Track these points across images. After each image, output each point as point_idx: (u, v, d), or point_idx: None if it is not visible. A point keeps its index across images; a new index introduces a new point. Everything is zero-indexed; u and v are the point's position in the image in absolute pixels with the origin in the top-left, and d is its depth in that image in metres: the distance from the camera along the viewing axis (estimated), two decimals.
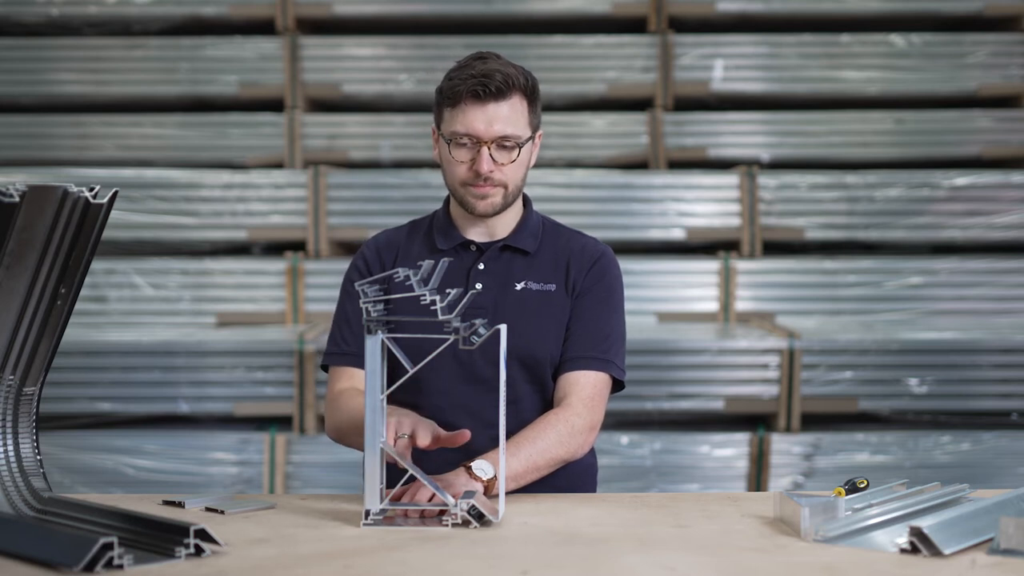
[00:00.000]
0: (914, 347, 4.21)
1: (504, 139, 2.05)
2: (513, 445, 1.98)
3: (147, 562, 1.47)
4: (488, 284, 2.12)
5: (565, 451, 2.04)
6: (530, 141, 2.10)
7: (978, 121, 4.94)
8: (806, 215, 4.72)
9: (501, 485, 1.76)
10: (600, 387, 2.12)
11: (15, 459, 1.73)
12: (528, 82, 2.08)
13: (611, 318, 2.15)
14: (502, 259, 2.15)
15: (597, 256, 2.18)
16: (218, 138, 4.96)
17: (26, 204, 1.56)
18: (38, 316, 1.68)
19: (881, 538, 1.63)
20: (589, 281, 2.15)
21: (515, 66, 2.09)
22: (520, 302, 2.11)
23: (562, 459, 2.04)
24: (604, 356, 2.12)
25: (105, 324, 4.56)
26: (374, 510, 1.75)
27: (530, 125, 2.09)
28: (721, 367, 4.20)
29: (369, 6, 5.05)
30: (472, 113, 2.04)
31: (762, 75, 5.02)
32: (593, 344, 2.11)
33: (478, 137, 2.04)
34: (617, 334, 2.15)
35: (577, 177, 4.75)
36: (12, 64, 5.04)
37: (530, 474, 1.99)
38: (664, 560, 1.52)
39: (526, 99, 2.08)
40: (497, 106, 2.04)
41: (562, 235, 2.23)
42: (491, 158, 2.05)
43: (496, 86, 2.02)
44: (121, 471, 4.18)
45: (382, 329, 1.76)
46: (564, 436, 2.03)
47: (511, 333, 1.95)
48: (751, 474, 4.19)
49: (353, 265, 2.20)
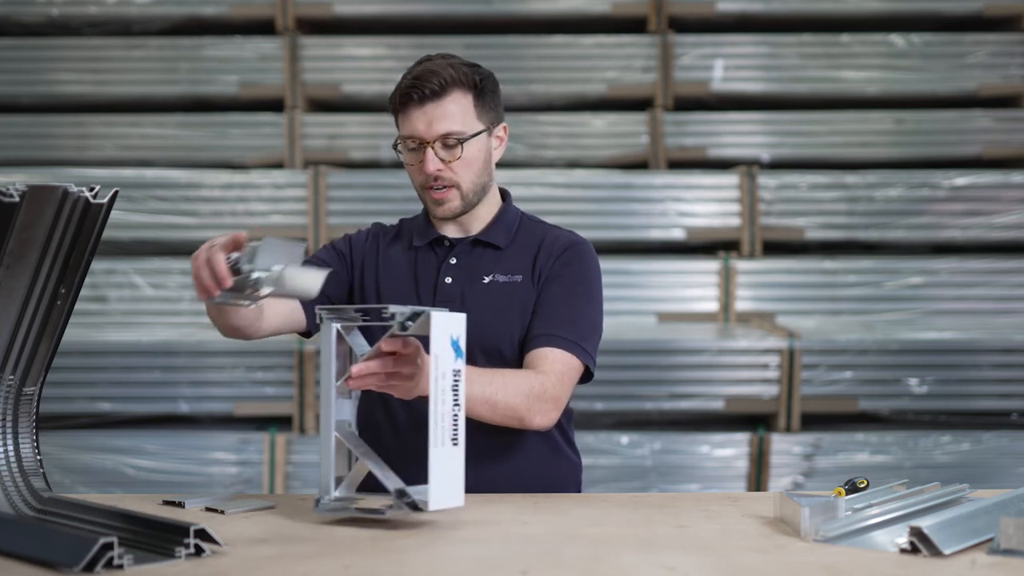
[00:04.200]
0: (914, 347, 4.21)
1: (446, 137, 2.05)
2: (487, 373, 1.94)
3: (147, 562, 1.47)
4: (457, 277, 2.13)
5: (525, 409, 1.96)
6: (482, 135, 2.09)
7: (978, 121, 4.94)
8: (806, 215, 4.72)
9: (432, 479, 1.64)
10: (569, 365, 2.03)
11: (15, 459, 1.73)
12: (473, 77, 2.07)
13: (582, 305, 2.10)
14: (473, 253, 2.15)
15: (568, 245, 2.14)
16: (218, 138, 4.97)
17: (26, 204, 1.56)
18: (38, 316, 1.68)
19: (881, 538, 1.63)
20: (557, 267, 2.12)
21: (462, 63, 2.08)
22: (486, 294, 2.11)
23: (519, 415, 1.96)
24: (571, 338, 2.04)
25: (105, 324, 4.56)
26: (328, 497, 1.75)
27: (479, 120, 2.08)
28: (721, 367, 4.20)
29: (369, 6, 5.05)
30: (413, 115, 2.06)
31: (762, 75, 5.02)
32: (560, 324, 2.05)
33: (421, 138, 2.06)
34: (588, 322, 2.09)
35: (577, 177, 4.75)
36: (12, 64, 5.05)
37: (481, 406, 1.92)
38: (664, 560, 1.52)
39: (471, 94, 2.07)
40: (436, 105, 2.04)
41: (537, 228, 2.20)
42: (437, 158, 2.05)
43: (431, 88, 2.03)
44: (121, 471, 4.18)
45: (334, 318, 1.75)
46: (533, 395, 1.96)
47: (476, 325, 1.97)
48: (751, 474, 4.19)
49: (345, 237, 2.24)
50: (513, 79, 5.00)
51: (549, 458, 2.16)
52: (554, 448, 2.17)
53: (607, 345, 4.16)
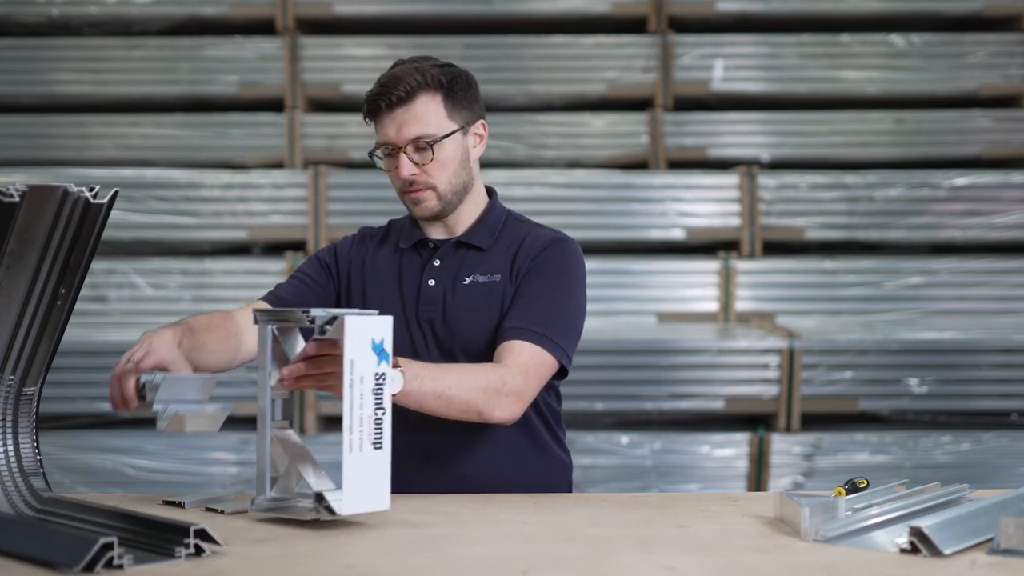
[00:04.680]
0: (914, 347, 4.21)
1: (417, 141, 2.05)
2: (441, 368, 1.94)
3: (147, 562, 1.47)
4: (439, 279, 2.13)
5: (482, 403, 1.93)
6: (456, 135, 2.08)
7: (978, 121, 4.94)
8: (806, 215, 4.72)
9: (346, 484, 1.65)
10: (537, 360, 2.00)
11: (15, 459, 1.73)
12: (440, 78, 2.06)
13: (562, 300, 2.07)
14: (456, 255, 2.15)
15: (550, 242, 2.13)
16: (218, 138, 4.97)
17: (26, 204, 1.56)
18: (38, 316, 1.68)
19: (881, 538, 1.63)
20: (538, 262, 2.10)
21: (432, 65, 2.08)
22: (466, 295, 2.11)
23: (476, 409, 1.93)
24: (543, 332, 2.02)
25: (105, 324, 4.56)
26: (264, 497, 1.76)
27: (451, 120, 2.07)
28: (721, 367, 4.20)
29: (369, 6, 5.05)
30: (384, 122, 2.07)
31: (762, 75, 5.02)
32: (533, 318, 2.03)
33: (393, 144, 2.06)
34: (564, 317, 2.06)
35: (577, 177, 4.75)
36: (12, 64, 5.05)
37: (434, 401, 1.90)
38: (664, 560, 1.52)
39: (440, 95, 2.06)
40: (405, 110, 2.04)
41: (521, 227, 2.19)
42: (411, 162, 2.06)
43: (397, 95, 2.03)
44: (121, 471, 4.18)
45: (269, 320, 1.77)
46: (490, 388, 1.93)
47: (456, 326, 2.05)
48: (751, 474, 4.19)
49: (330, 246, 2.26)
50: (513, 79, 5.00)
51: (528, 455, 2.15)
52: (537, 446, 2.16)
53: (607, 345, 4.20)
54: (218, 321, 2.05)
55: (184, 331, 1.96)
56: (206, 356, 1.99)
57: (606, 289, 4.60)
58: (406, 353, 2.04)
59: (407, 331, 2.11)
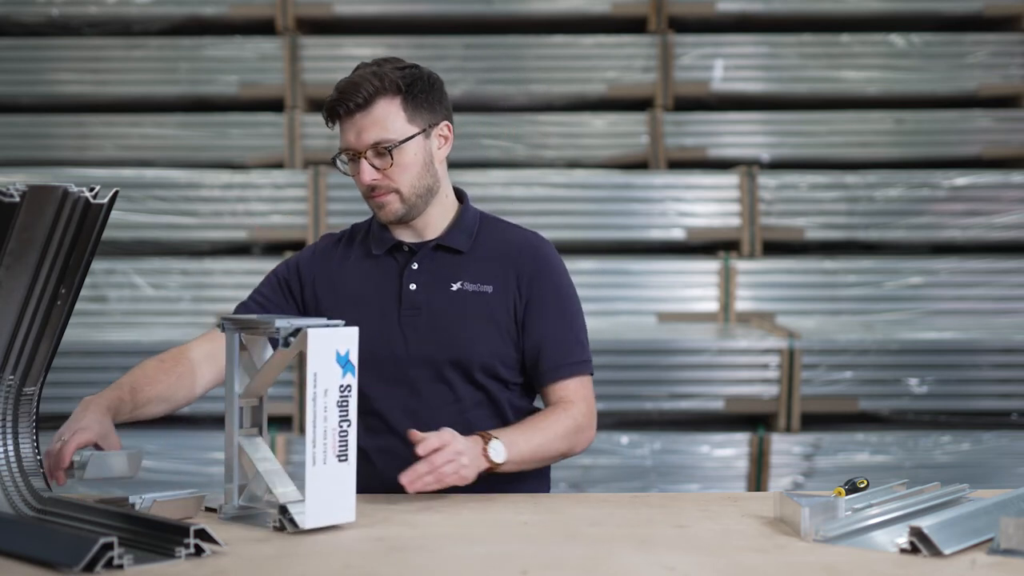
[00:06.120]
0: (914, 347, 4.21)
1: (376, 146, 2.04)
2: (527, 430, 2.01)
3: (147, 562, 1.47)
4: (422, 283, 2.11)
5: (567, 446, 2.06)
6: (417, 138, 2.06)
7: (978, 121, 4.94)
8: (806, 215, 4.72)
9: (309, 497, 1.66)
10: (587, 384, 2.14)
11: (15, 459, 1.73)
12: (398, 82, 2.04)
13: (572, 315, 2.15)
14: (436, 258, 2.14)
15: (535, 255, 2.14)
16: (218, 138, 4.97)
17: (26, 204, 1.56)
18: (38, 316, 1.68)
19: (881, 538, 1.63)
20: (537, 287, 2.11)
21: (393, 68, 2.06)
22: (455, 303, 2.09)
23: (563, 454, 2.07)
24: (581, 359, 2.13)
25: (105, 324, 4.56)
26: (231, 505, 1.76)
27: (412, 123, 2.06)
28: (721, 367, 4.20)
29: (369, 6, 5.05)
30: (344, 128, 2.07)
31: (762, 75, 5.02)
32: (568, 351, 2.12)
33: (354, 149, 2.06)
34: (581, 330, 2.16)
35: (577, 177, 4.75)
36: (12, 64, 5.04)
37: (532, 463, 2.02)
38: (664, 560, 1.52)
39: (400, 98, 2.04)
40: (364, 115, 2.04)
41: (498, 230, 2.19)
42: (371, 167, 2.05)
43: (355, 101, 2.03)
44: None
45: (236, 328, 1.77)
46: (570, 431, 2.06)
47: (445, 334, 2.05)
48: (751, 474, 4.19)
49: (289, 261, 2.24)
50: (513, 79, 5.00)
51: None
52: None
53: (607, 345, 4.19)
54: (168, 366, 2.07)
55: (127, 392, 2.00)
56: (155, 407, 2.05)
57: (606, 289, 4.60)
58: (387, 357, 2.06)
59: (385, 336, 2.08)
